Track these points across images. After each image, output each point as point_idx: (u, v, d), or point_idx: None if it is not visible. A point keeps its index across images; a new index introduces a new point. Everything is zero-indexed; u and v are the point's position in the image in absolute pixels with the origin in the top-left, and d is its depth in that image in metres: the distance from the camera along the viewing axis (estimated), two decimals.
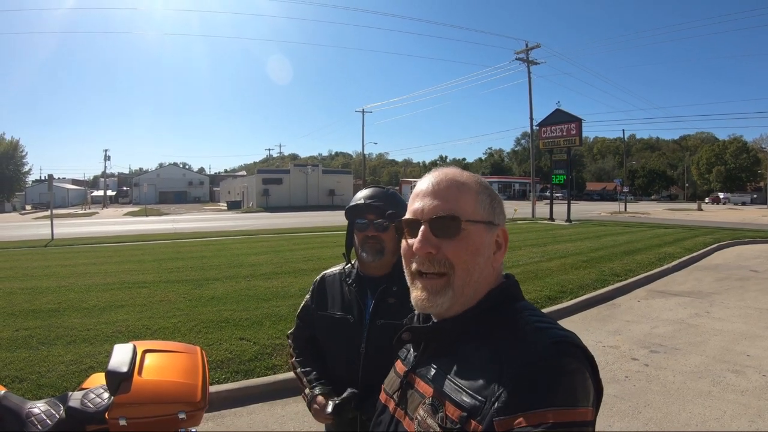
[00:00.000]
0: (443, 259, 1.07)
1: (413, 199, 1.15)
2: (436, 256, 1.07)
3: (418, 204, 1.12)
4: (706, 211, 44.55)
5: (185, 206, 69.74)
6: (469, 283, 1.08)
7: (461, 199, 1.10)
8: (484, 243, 1.10)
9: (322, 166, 71.69)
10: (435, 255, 1.07)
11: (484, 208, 1.11)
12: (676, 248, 15.13)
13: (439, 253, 1.07)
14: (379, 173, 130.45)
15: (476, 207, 1.11)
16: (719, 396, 5.00)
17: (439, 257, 1.07)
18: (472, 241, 1.08)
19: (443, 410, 1.01)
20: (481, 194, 1.13)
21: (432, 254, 1.07)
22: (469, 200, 1.10)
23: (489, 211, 1.12)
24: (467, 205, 1.10)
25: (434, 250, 1.07)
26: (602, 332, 7.23)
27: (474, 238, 1.08)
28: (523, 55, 35.87)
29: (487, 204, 1.12)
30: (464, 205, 1.09)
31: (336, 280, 2.20)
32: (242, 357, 5.64)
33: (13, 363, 5.25)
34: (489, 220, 1.11)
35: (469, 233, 1.08)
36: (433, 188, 1.12)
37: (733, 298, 9.39)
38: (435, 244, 1.07)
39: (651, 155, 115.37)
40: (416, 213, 1.12)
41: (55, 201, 30.50)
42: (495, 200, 1.15)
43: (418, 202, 1.13)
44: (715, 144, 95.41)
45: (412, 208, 1.13)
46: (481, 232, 1.10)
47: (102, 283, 9.28)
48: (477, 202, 1.11)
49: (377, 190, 2.10)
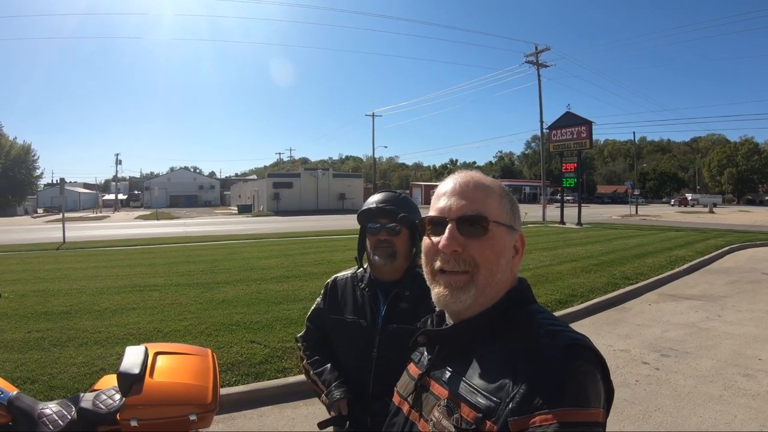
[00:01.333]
0: (469, 258, 1.08)
1: (437, 198, 1.16)
2: (462, 255, 1.08)
3: (443, 203, 1.13)
4: (717, 214, 44.18)
5: (196, 210, 70.14)
6: (491, 283, 1.09)
7: (487, 200, 1.12)
8: (506, 245, 1.12)
9: (333, 170, 71.64)
10: (461, 254, 1.08)
11: (506, 212, 1.13)
12: (688, 251, 15.02)
13: (465, 251, 1.08)
14: (389, 177, 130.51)
15: (500, 210, 1.12)
16: (730, 400, 4.94)
17: (465, 256, 1.08)
18: (497, 242, 1.10)
19: (458, 412, 1.02)
20: (504, 198, 1.15)
21: (458, 252, 1.08)
22: (494, 203, 1.12)
23: (510, 216, 1.14)
24: (492, 207, 1.11)
25: (460, 249, 1.08)
26: (613, 336, 7.18)
27: (499, 240, 1.10)
28: (533, 57, 35.82)
29: (509, 209, 1.14)
30: (490, 207, 1.11)
31: (348, 284, 2.20)
32: (253, 360, 5.64)
33: (26, 364, 5.28)
34: (510, 224, 1.13)
35: (494, 234, 1.09)
36: (460, 188, 1.13)
37: (744, 301, 9.30)
38: (462, 243, 1.08)
39: (662, 157, 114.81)
40: (442, 211, 1.12)
41: (66, 204, 30.77)
42: (515, 206, 1.17)
43: (443, 201, 1.14)
44: (726, 146, 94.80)
45: (437, 207, 1.15)
46: (504, 234, 1.12)
47: (113, 285, 9.35)
48: (501, 206, 1.13)
49: (389, 195, 2.10)
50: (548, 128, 31.09)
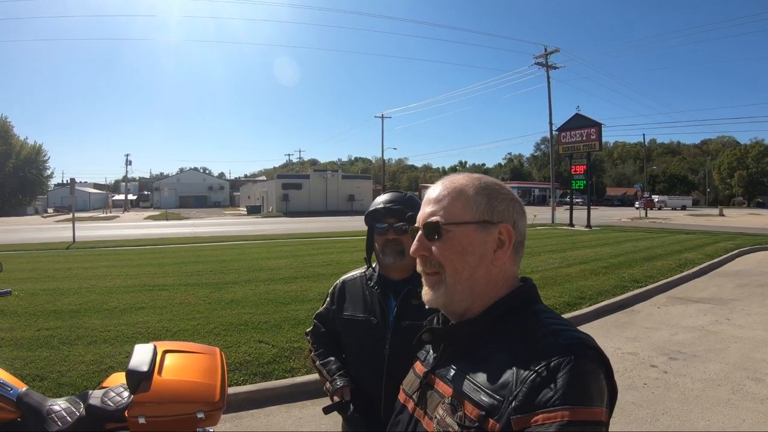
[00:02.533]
0: (434, 260, 1.14)
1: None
2: (429, 258, 1.15)
3: (421, 210, 1.19)
4: (727, 217, 43.89)
5: (205, 211, 70.43)
6: (459, 280, 1.12)
7: (452, 203, 1.14)
8: (472, 242, 1.12)
9: (342, 172, 71.73)
10: (428, 257, 1.15)
11: (477, 208, 1.13)
12: (697, 254, 14.93)
13: (432, 255, 1.14)
14: (398, 179, 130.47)
15: (466, 209, 1.13)
16: (738, 404, 4.91)
17: (432, 259, 1.14)
18: (457, 241, 1.12)
19: (462, 409, 1.02)
20: (477, 195, 1.14)
21: (425, 256, 1.15)
22: (459, 203, 1.14)
23: (484, 211, 1.13)
24: (456, 208, 1.13)
25: (427, 253, 1.15)
26: (621, 339, 7.14)
27: (459, 239, 1.12)
28: (542, 59, 35.80)
29: (483, 204, 1.14)
30: (452, 209, 1.13)
31: (357, 283, 2.21)
32: (260, 360, 5.66)
33: (35, 362, 5.33)
34: (484, 219, 1.13)
35: (454, 235, 1.12)
36: (433, 195, 1.19)
37: (754, 304, 9.22)
38: (427, 247, 1.15)
39: (672, 160, 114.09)
40: (418, 219, 1.19)
41: (76, 204, 30.97)
42: (495, 199, 1.15)
43: (422, 209, 1.19)
44: (736, 148, 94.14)
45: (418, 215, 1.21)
46: (469, 232, 1.12)
47: (123, 285, 9.40)
48: (469, 204, 1.13)
49: (395, 195, 2.13)
50: (557, 130, 31.02)
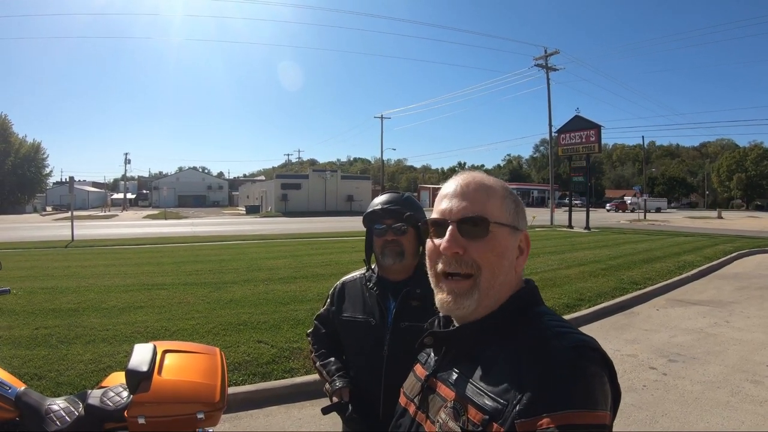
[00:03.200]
0: (470, 260, 1.08)
1: (440, 200, 1.16)
2: (463, 257, 1.08)
3: (445, 204, 1.13)
4: (726, 219, 43.96)
5: (204, 210, 70.41)
6: (494, 285, 1.09)
7: (489, 201, 1.11)
8: (509, 246, 1.11)
9: (341, 172, 71.71)
10: (462, 256, 1.08)
11: (509, 212, 1.13)
12: (696, 256, 14.94)
13: (466, 254, 1.08)
14: (397, 179, 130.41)
15: (502, 210, 1.12)
16: (737, 406, 4.92)
17: (466, 258, 1.08)
18: (498, 243, 1.09)
19: (465, 413, 1.02)
20: (506, 198, 1.14)
21: (459, 255, 1.08)
22: (496, 203, 1.12)
23: (513, 216, 1.13)
24: (494, 208, 1.11)
25: (461, 251, 1.08)
26: (620, 341, 7.14)
27: (500, 241, 1.09)
28: (542, 61, 35.84)
29: (512, 209, 1.14)
30: (491, 208, 1.11)
31: (357, 284, 2.21)
32: (260, 360, 5.64)
33: (33, 360, 5.31)
34: (513, 224, 1.13)
35: (495, 235, 1.09)
36: (461, 190, 1.13)
37: (753, 307, 9.22)
38: (463, 245, 1.08)
39: (671, 162, 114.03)
40: (444, 213, 1.13)
41: (75, 203, 30.94)
42: (519, 205, 1.16)
43: (445, 203, 1.14)
44: (735, 151, 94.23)
45: (440, 209, 1.14)
46: (507, 235, 1.11)
47: (121, 284, 9.39)
48: (503, 206, 1.12)
49: (393, 195, 2.13)
50: (557, 132, 31.05)
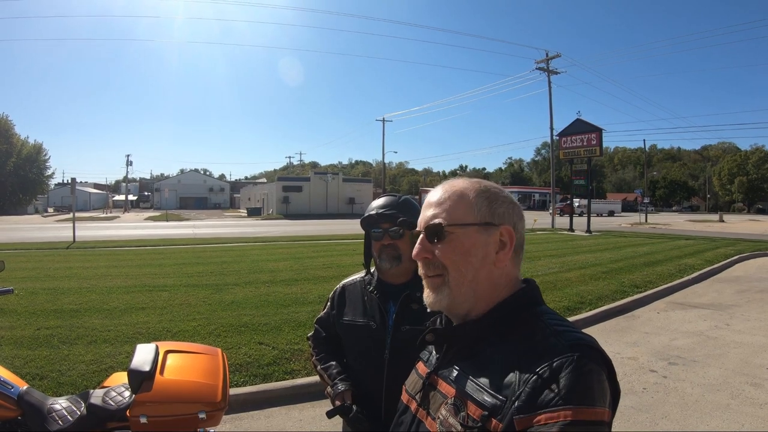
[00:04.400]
0: (438, 262, 1.14)
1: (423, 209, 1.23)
2: (432, 260, 1.15)
3: (423, 213, 1.21)
4: (727, 223, 43.91)
5: (206, 212, 70.36)
6: (463, 282, 1.12)
7: (453, 205, 1.16)
8: (475, 244, 1.13)
9: (342, 175, 71.57)
10: (431, 259, 1.15)
11: (478, 210, 1.15)
12: (697, 260, 14.94)
13: (435, 257, 1.14)
14: (399, 182, 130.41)
15: (468, 211, 1.15)
16: (737, 409, 4.91)
17: (435, 261, 1.15)
18: (460, 243, 1.13)
19: (465, 410, 1.03)
20: (478, 197, 1.16)
21: (428, 259, 1.16)
22: (461, 206, 1.15)
23: (486, 213, 1.15)
24: (458, 210, 1.15)
25: (429, 255, 1.15)
26: (621, 344, 7.14)
27: (462, 240, 1.13)
28: (544, 64, 35.84)
29: (484, 206, 1.15)
30: (454, 211, 1.15)
31: (357, 288, 2.21)
32: (261, 361, 5.65)
33: (35, 361, 5.32)
34: (485, 221, 1.14)
35: (457, 236, 1.13)
36: (433, 198, 1.20)
37: (753, 310, 9.21)
38: (429, 250, 1.15)
39: (672, 165, 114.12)
40: (420, 223, 1.20)
41: (77, 204, 30.95)
42: (495, 202, 1.17)
43: (423, 212, 1.21)
44: (737, 154, 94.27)
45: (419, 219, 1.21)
46: (472, 233, 1.13)
47: (123, 285, 9.39)
48: (470, 206, 1.15)
49: (389, 199, 2.12)
50: (558, 135, 31.04)
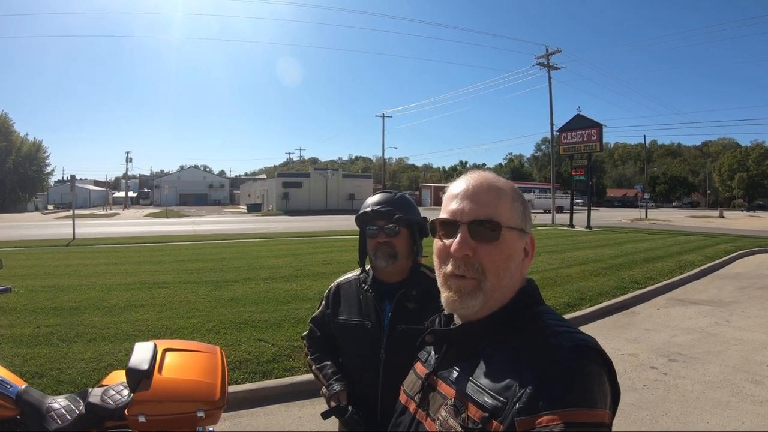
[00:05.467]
0: (478, 263, 1.08)
1: (449, 200, 1.15)
2: (471, 260, 1.08)
3: (455, 205, 1.12)
4: (728, 219, 43.92)
5: (205, 209, 70.48)
6: (498, 288, 1.09)
7: (499, 204, 1.11)
8: (516, 249, 1.11)
9: (342, 170, 71.61)
10: (471, 258, 1.08)
11: (518, 215, 1.12)
12: (697, 256, 14.91)
13: (475, 256, 1.08)
14: (399, 178, 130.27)
15: (512, 213, 1.12)
16: (738, 406, 4.91)
17: (474, 261, 1.08)
18: (507, 246, 1.09)
19: (465, 411, 1.02)
20: (516, 201, 1.14)
21: (468, 257, 1.08)
22: (506, 206, 1.11)
23: (522, 219, 1.13)
24: (504, 210, 1.11)
25: (471, 253, 1.08)
26: (621, 340, 7.13)
27: (509, 244, 1.10)
28: (544, 60, 35.82)
29: (521, 211, 1.13)
30: (502, 211, 1.10)
31: (352, 287, 2.18)
32: (260, 358, 5.65)
33: (34, 359, 5.32)
34: (521, 227, 1.13)
35: (505, 239, 1.09)
36: (472, 190, 1.12)
37: (754, 307, 9.20)
38: (473, 247, 1.08)
39: (672, 161, 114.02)
40: (454, 214, 1.11)
41: (76, 201, 30.95)
42: (526, 208, 1.16)
43: (455, 203, 1.12)
44: (737, 150, 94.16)
45: (449, 209, 1.13)
46: (515, 238, 1.11)
47: (122, 282, 9.40)
48: (512, 209, 1.12)
49: (385, 196, 2.09)
50: (558, 131, 30.99)
